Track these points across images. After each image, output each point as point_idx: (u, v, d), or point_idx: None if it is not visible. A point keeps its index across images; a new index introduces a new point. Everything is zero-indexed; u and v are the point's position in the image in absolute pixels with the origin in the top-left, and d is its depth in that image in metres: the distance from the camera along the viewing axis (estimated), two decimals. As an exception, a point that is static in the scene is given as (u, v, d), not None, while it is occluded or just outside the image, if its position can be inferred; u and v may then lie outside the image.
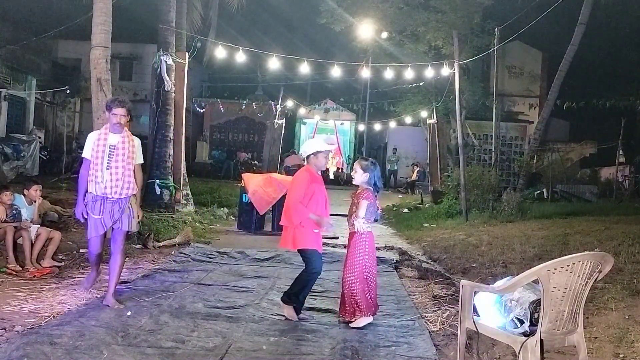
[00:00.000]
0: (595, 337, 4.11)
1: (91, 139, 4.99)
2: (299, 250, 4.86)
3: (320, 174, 5.01)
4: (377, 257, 5.59)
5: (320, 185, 4.92)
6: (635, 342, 3.91)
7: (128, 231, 5.13)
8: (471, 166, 14.71)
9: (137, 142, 5.10)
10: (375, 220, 5.02)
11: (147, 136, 12.59)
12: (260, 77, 26.55)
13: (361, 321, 4.74)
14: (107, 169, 4.86)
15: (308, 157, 4.93)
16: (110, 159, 4.88)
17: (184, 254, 7.71)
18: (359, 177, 4.89)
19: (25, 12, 19.79)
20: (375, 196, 4.90)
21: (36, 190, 6.85)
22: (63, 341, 3.91)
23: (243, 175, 11.14)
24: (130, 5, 13.72)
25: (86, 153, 4.97)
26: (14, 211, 6.59)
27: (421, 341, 4.39)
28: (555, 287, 3.20)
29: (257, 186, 9.99)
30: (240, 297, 5.56)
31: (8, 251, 6.24)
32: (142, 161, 5.17)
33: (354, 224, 4.87)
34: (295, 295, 4.88)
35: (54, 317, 4.54)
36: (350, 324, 4.75)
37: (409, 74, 14.93)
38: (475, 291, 3.70)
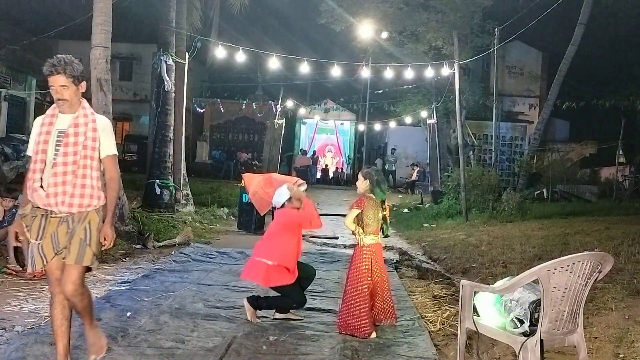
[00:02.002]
0: (595, 337, 4.11)
1: (35, 125, 3.35)
2: (272, 287, 4.74)
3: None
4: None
5: (299, 231, 4.87)
6: (635, 342, 3.91)
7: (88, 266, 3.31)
8: (471, 166, 14.72)
9: (102, 123, 3.36)
10: (386, 236, 4.80)
11: (147, 136, 12.61)
12: (260, 77, 26.54)
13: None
14: (53, 167, 3.21)
15: (283, 205, 4.89)
16: (57, 151, 3.23)
17: (184, 254, 7.72)
18: (360, 184, 4.79)
19: (25, 12, 19.80)
20: (383, 207, 4.68)
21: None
22: (63, 341, 3.91)
23: (243, 175, 11.15)
24: (130, 5, 13.68)
25: (30, 147, 3.34)
26: (13, 209, 6.59)
27: (421, 341, 4.39)
28: (555, 287, 3.20)
29: (258, 187, 9.99)
30: (240, 297, 5.54)
31: (9, 251, 6.24)
32: (113, 152, 3.39)
33: (355, 234, 4.71)
34: (266, 304, 4.82)
35: (54, 317, 4.54)
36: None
37: (409, 74, 14.95)
38: (475, 291, 3.70)
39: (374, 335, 4.50)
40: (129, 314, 4.68)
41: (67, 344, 3.39)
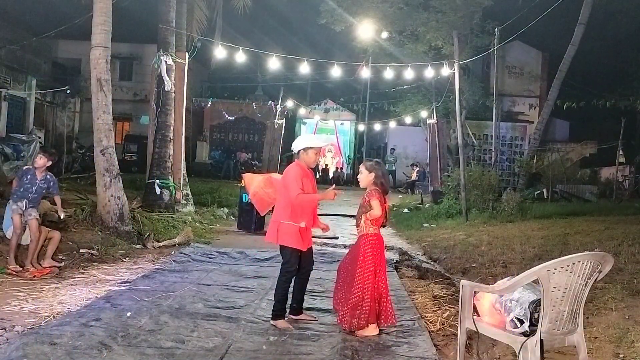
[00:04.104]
0: (595, 337, 4.11)
1: None
2: (280, 246, 4.83)
3: (311, 170, 4.95)
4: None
5: (312, 181, 4.89)
6: (635, 342, 3.91)
7: None
8: (471, 166, 14.73)
9: None
10: (383, 226, 4.79)
11: (147, 136, 12.60)
12: (260, 77, 26.56)
13: (367, 330, 4.51)
14: None
15: (298, 152, 4.91)
16: None
17: (184, 254, 7.71)
18: (365, 178, 4.76)
19: (25, 12, 19.80)
20: (385, 198, 4.69)
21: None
22: (63, 341, 3.91)
23: (244, 175, 11.17)
24: (130, 5, 13.69)
25: None
26: (48, 176, 6.58)
27: (421, 341, 4.39)
28: (555, 287, 3.20)
29: (258, 187, 10.00)
30: (240, 297, 5.56)
31: (10, 252, 6.23)
32: None
33: (360, 225, 4.71)
34: (280, 303, 4.75)
35: (54, 317, 4.54)
36: (355, 334, 4.50)
37: (408, 74, 14.92)
38: (475, 291, 3.70)
39: (376, 331, 4.52)
40: (129, 314, 4.67)
41: None
